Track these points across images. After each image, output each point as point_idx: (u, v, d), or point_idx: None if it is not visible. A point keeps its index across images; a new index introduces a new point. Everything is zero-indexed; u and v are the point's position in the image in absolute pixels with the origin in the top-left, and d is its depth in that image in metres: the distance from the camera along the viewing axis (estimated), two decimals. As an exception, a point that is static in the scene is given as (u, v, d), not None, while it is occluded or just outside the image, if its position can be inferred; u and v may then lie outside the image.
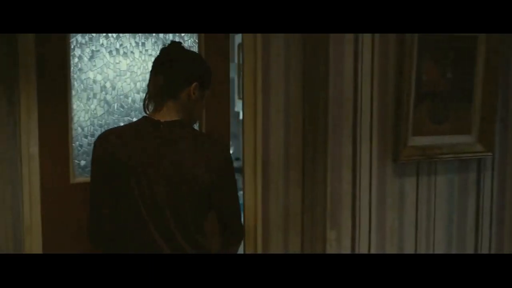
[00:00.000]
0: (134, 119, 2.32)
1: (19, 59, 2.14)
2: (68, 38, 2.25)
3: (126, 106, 2.36)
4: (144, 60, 2.37)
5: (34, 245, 2.21)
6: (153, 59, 1.90)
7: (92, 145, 1.84)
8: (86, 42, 2.28)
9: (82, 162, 2.33)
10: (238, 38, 4.06)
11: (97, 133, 2.25)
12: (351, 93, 2.46)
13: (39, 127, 2.18)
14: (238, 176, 2.00)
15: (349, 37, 2.44)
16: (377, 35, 2.48)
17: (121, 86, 2.34)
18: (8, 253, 2.18)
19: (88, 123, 2.32)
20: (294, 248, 2.49)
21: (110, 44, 2.32)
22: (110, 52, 2.31)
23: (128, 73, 2.35)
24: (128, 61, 2.35)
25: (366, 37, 2.46)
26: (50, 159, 2.23)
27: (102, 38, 2.30)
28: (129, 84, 2.35)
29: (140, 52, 2.36)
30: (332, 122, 2.45)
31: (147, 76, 2.05)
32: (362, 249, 2.55)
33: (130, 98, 2.36)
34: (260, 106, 2.39)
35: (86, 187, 2.02)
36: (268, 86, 2.40)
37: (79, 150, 2.32)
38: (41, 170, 2.20)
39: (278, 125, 2.43)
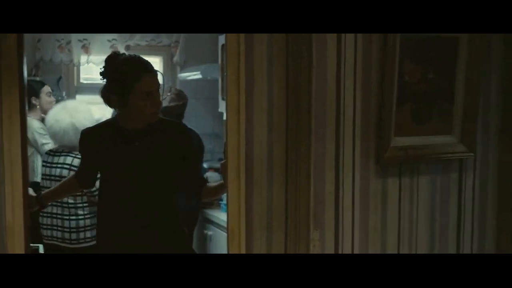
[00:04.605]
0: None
1: (1, 61, 2.14)
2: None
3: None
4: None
5: (16, 246, 2.21)
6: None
7: None
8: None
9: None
10: (221, 39, 4.06)
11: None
12: (334, 94, 2.46)
13: (21, 130, 2.18)
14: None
15: (332, 37, 2.45)
16: (359, 36, 2.48)
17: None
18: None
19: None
20: (278, 248, 2.49)
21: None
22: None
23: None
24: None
25: (349, 38, 2.47)
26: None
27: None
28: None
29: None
30: (315, 123, 2.45)
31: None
32: (346, 249, 2.56)
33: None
34: (243, 107, 2.40)
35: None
36: (251, 87, 2.40)
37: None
38: (24, 172, 2.20)
39: (261, 126, 2.43)
